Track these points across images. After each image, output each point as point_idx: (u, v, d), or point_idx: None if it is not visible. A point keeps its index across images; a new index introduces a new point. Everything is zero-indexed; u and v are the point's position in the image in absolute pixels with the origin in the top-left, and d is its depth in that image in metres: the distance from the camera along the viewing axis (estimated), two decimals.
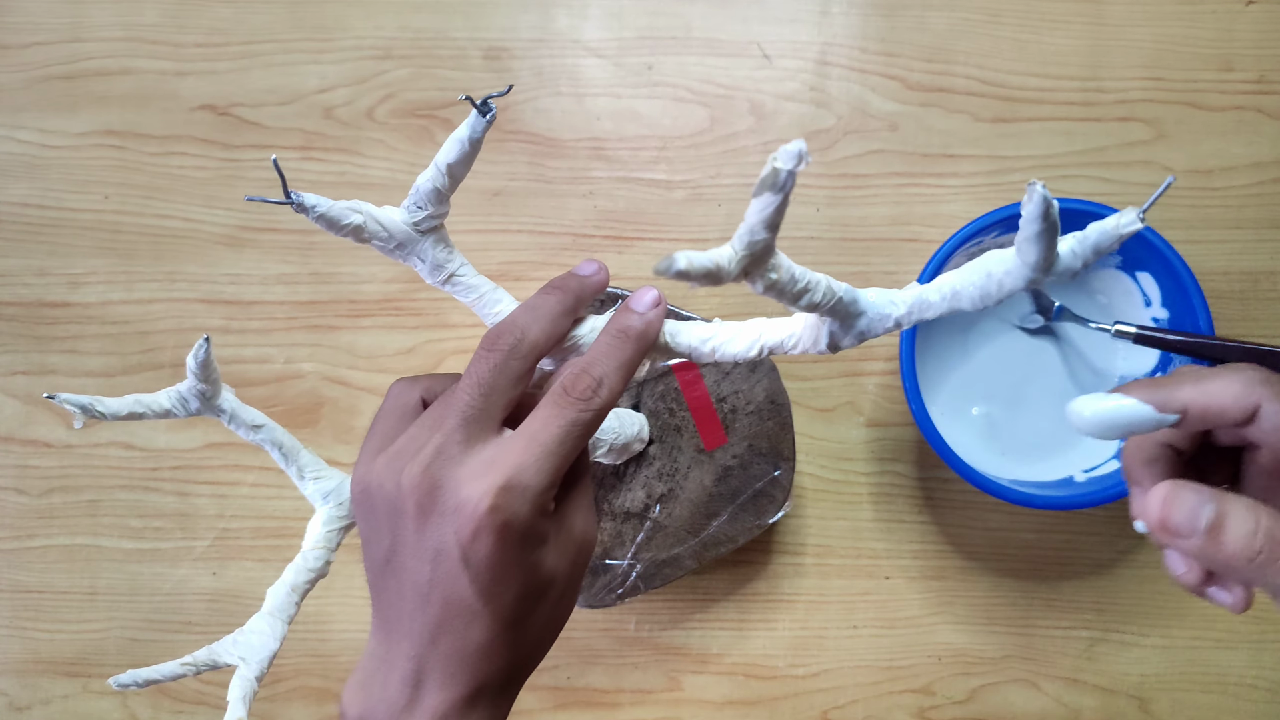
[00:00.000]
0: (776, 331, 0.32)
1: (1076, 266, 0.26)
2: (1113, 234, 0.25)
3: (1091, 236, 0.25)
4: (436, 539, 0.30)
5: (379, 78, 0.60)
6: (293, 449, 0.38)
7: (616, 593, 0.55)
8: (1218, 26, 0.58)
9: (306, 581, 0.37)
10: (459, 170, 0.33)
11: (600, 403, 0.31)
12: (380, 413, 0.34)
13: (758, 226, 0.25)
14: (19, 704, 0.61)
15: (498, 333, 0.32)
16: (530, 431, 0.30)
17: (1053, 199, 0.24)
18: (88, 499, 0.61)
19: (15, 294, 0.61)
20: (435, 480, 0.30)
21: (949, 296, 0.28)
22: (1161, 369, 0.55)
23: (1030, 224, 0.24)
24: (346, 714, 0.31)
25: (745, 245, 0.26)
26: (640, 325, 0.32)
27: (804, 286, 0.28)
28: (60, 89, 0.61)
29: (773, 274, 0.27)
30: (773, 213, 0.25)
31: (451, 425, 0.30)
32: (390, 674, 0.31)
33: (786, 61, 0.59)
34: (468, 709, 0.31)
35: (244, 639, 0.36)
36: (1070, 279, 0.26)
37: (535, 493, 0.29)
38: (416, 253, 0.34)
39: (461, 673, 0.30)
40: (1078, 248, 0.26)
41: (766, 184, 0.24)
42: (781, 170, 0.24)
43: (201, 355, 0.34)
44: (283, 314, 0.60)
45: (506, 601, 0.30)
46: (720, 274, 0.26)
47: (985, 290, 0.27)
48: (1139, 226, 0.25)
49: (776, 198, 0.25)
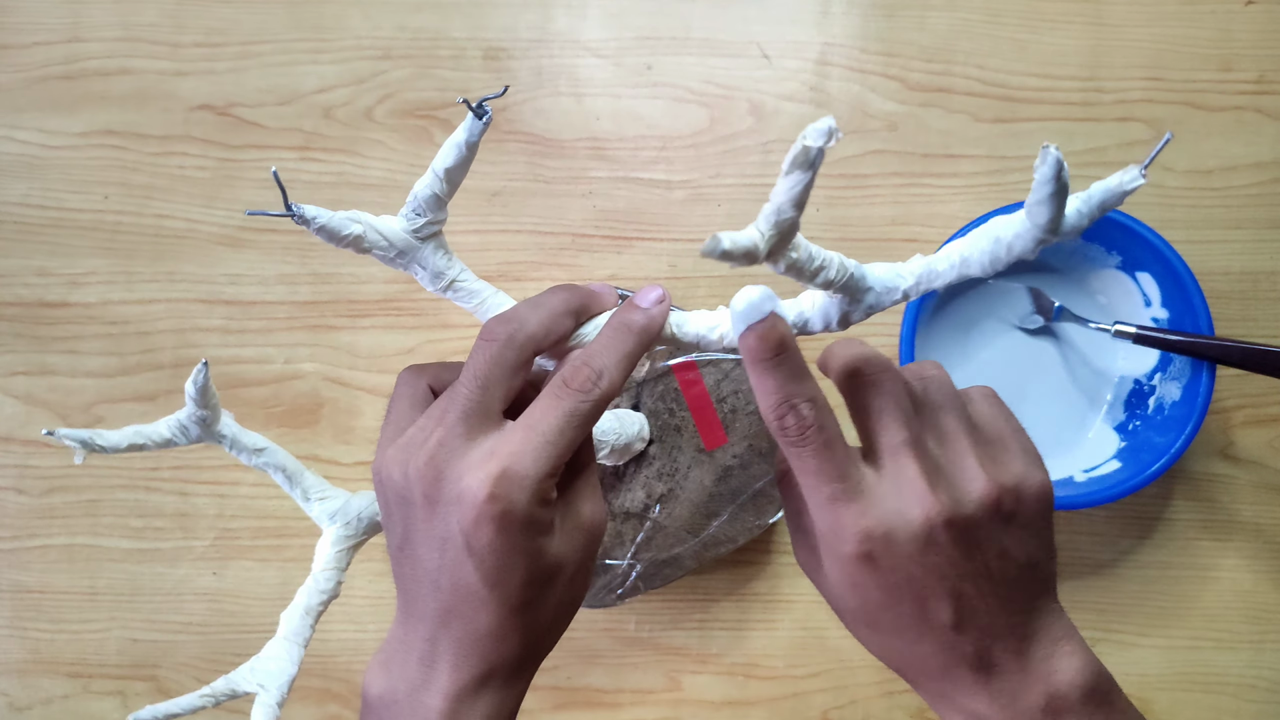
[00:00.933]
0: (787, 311, 0.32)
1: (1083, 224, 0.27)
2: (1116, 191, 0.26)
3: (1096, 195, 0.26)
4: (442, 528, 0.31)
5: (378, 78, 0.60)
6: (296, 472, 0.37)
7: (616, 593, 0.55)
8: (1217, 27, 0.58)
9: (320, 603, 0.37)
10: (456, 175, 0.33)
11: (600, 394, 0.31)
12: (391, 401, 0.35)
13: (786, 205, 0.26)
14: (19, 704, 0.61)
15: (495, 323, 0.32)
16: (529, 422, 0.31)
17: (1064, 161, 0.24)
18: (88, 499, 0.61)
19: (15, 294, 0.61)
20: (438, 471, 0.31)
21: (958, 264, 0.29)
22: (1161, 369, 0.55)
23: (1043, 186, 0.25)
24: (369, 692, 0.32)
25: (773, 225, 0.26)
26: (643, 320, 0.33)
27: (820, 264, 0.28)
28: (60, 89, 0.61)
29: (794, 253, 0.28)
30: (801, 190, 0.25)
31: (452, 418, 0.31)
32: (409, 655, 0.32)
33: (786, 61, 0.59)
34: (479, 688, 0.32)
35: (261, 665, 0.36)
36: (1075, 237, 0.26)
37: (534, 481, 0.30)
38: (417, 260, 0.34)
39: (473, 655, 0.31)
40: (1083, 207, 0.26)
41: (798, 162, 0.25)
42: (813, 148, 0.24)
43: (200, 380, 0.34)
44: (283, 314, 0.60)
45: (513, 588, 0.31)
46: (757, 254, 0.26)
47: (995, 255, 0.28)
48: (1142, 182, 0.25)
49: (806, 175, 0.25)
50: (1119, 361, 0.57)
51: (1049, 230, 0.26)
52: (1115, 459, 0.55)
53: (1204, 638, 0.58)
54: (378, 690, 0.32)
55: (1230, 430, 0.58)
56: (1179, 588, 0.58)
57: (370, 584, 0.60)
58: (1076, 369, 0.58)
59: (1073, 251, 0.56)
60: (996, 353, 0.58)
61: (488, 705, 0.32)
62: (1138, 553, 0.58)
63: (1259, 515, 0.58)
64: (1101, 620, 0.58)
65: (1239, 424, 0.58)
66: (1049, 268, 0.57)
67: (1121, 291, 0.56)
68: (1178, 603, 0.58)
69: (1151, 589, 0.58)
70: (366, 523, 0.38)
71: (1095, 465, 0.55)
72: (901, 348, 0.52)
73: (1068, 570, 0.58)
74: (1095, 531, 0.58)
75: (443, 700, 0.31)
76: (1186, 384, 0.53)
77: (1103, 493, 0.52)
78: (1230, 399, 0.58)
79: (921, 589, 0.30)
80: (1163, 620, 0.58)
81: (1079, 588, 0.58)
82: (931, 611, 0.30)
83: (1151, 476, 0.52)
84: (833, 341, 0.32)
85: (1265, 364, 0.51)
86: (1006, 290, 0.57)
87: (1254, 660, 0.58)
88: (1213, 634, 0.58)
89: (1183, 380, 0.53)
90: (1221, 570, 0.58)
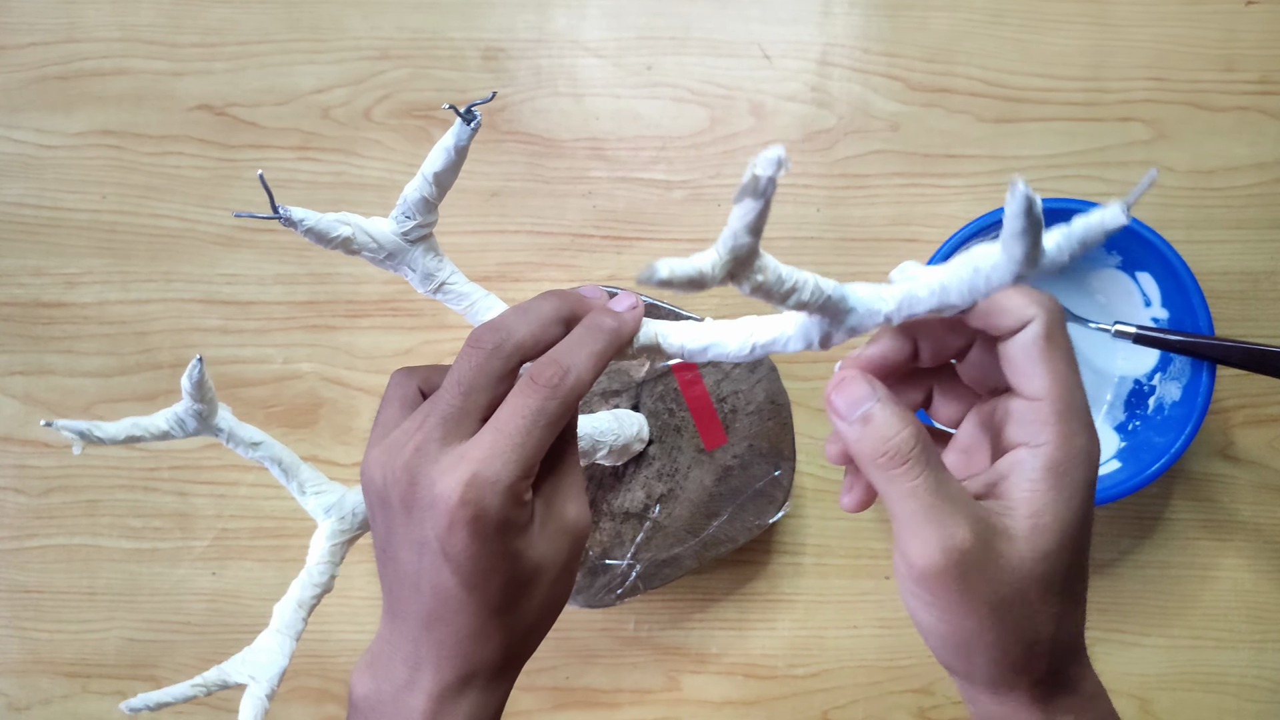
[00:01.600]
0: (768, 330, 0.32)
1: (1063, 260, 0.26)
2: (1098, 229, 0.25)
3: (1077, 232, 0.25)
4: (419, 532, 0.31)
5: (376, 78, 0.60)
6: (292, 465, 0.37)
7: (616, 593, 0.55)
8: (1220, 27, 0.58)
9: (313, 597, 0.37)
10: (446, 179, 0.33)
11: (566, 390, 0.31)
12: (382, 403, 0.35)
13: (740, 231, 0.25)
14: (18, 704, 0.61)
15: (483, 330, 0.32)
16: (497, 424, 0.30)
17: (1035, 196, 0.23)
18: (87, 499, 0.61)
19: (11, 294, 0.61)
20: (413, 476, 0.31)
21: (938, 292, 0.28)
22: (1161, 369, 0.55)
23: (1014, 221, 0.24)
24: (354, 692, 0.33)
25: (729, 250, 0.26)
26: (614, 323, 0.33)
27: (791, 287, 0.28)
28: (56, 89, 0.60)
29: (759, 276, 0.27)
30: (755, 218, 0.25)
31: (431, 423, 0.31)
32: (394, 656, 0.32)
33: (787, 62, 0.59)
34: (463, 689, 0.32)
35: (253, 657, 0.36)
36: (1058, 273, 0.26)
37: (505, 484, 0.30)
38: (407, 262, 0.34)
39: (455, 656, 0.31)
40: (1063, 242, 0.25)
41: (747, 190, 0.24)
42: (761, 177, 0.24)
43: (196, 375, 0.34)
44: (281, 314, 0.60)
45: (492, 590, 0.31)
46: (704, 279, 0.26)
47: (973, 286, 0.27)
48: (1124, 221, 0.24)
49: (758, 204, 0.24)
50: (1119, 362, 0.57)
51: (1025, 265, 0.25)
52: (1115, 459, 0.55)
53: (1204, 637, 0.58)
54: (363, 691, 0.33)
55: (1230, 430, 0.58)
56: (1179, 587, 0.58)
57: (369, 584, 0.60)
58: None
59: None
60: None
61: (471, 705, 0.32)
62: (1138, 553, 0.58)
63: (1259, 515, 0.58)
64: (1102, 620, 0.58)
65: (1239, 424, 0.58)
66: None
67: (1121, 291, 0.56)
68: (1178, 602, 0.58)
69: (1152, 589, 0.58)
70: (361, 518, 0.38)
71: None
72: None
73: None
74: (1095, 531, 0.58)
75: (426, 701, 0.31)
76: (1186, 384, 0.53)
77: (1103, 493, 0.52)
78: (1230, 399, 0.58)
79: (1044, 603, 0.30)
80: (1163, 620, 0.58)
81: None
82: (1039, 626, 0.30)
83: (1152, 476, 0.52)
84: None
85: (1265, 364, 0.51)
86: None
87: (1255, 660, 0.58)
88: (1213, 634, 0.58)
89: (1183, 380, 0.53)
90: (1222, 570, 0.58)
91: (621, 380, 0.54)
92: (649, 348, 0.34)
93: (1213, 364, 0.52)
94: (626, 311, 0.33)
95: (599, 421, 0.50)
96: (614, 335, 0.32)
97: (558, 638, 0.59)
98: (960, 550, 0.28)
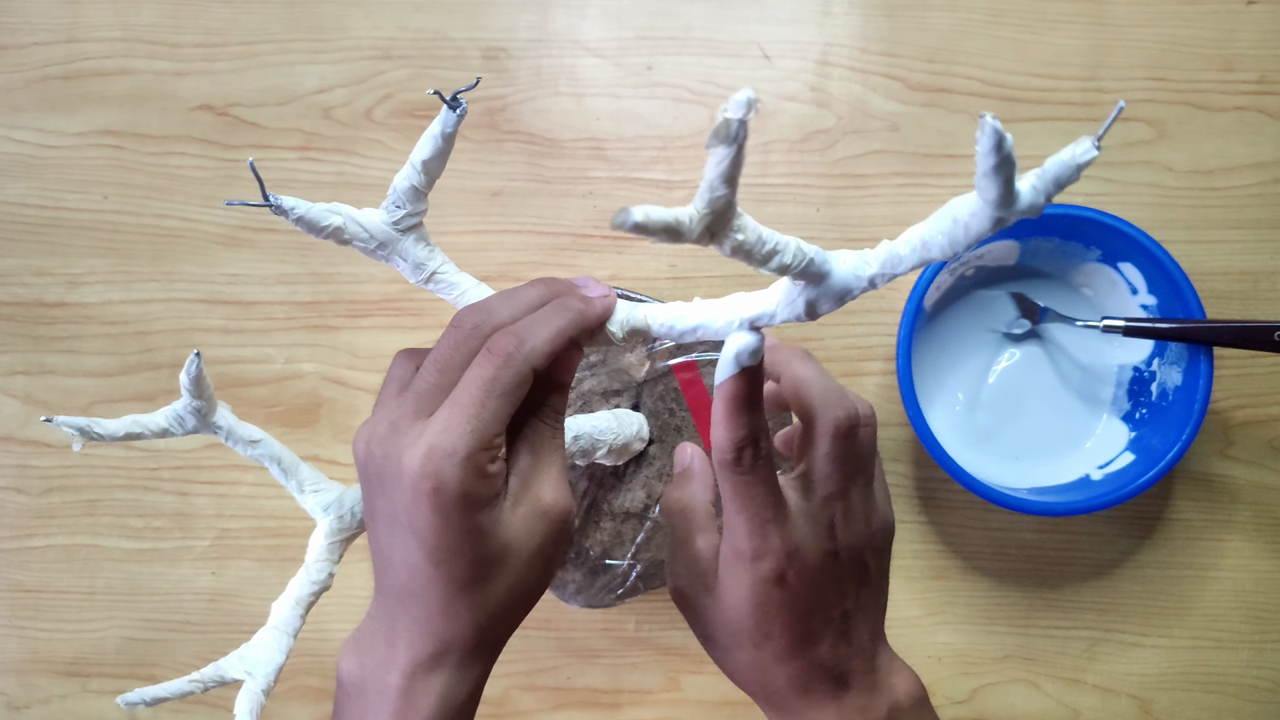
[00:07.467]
0: (755, 304, 0.31)
1: (1040, 202, 0.26)
2: (1070, 165, 0.25)
3: (1050, 170, 0.25)
4: (388, 506, 0.31)
5: (377, 78, 0.60)
6: (291, 463, 0.38)
7: (616, 593, 0.55)
8: (1219, 27, 0.58)
9: (310, 594, 0.37)
10: (434, 166, 0.33)
11: (520, 359, 0.31)
12: (383, 383, 0.35)
13: (716, 182, 0.25)
14: (17, 704, 0.61)
15: (465, 312, 0.32)
16: (454, 396, 0.31)
17: (1005, 132, 0.23)
18: (87, 499, 0.61)
19: (13, 294, 0.61)
20: (385, 451, 0.31)
21: (919, 248, 0.28)
22: (1159, 354, 0.55)
23: (985, 158, 0.24)
24: (340, 668, 0.33)
25: (706, 203, 0.25)
26: (580, 304, 0.33)
27: (773, 248, 0.27)
28: (58, 89, 0.61)
29: (739, 235, 0.27)
30: (728, 166, 0.25)
31: (406, 400, 0.32)
32: (376, 632, 0.33)
33: (787, 62, 0.59)
34: (434, 666, 0.32)
35: (250, 653, 0.36)
36: (1036, 215, 0.26)
37: (462, 455, 0.30)
38: (398, 252, 0.34)
39: (426, 634, 0.32)
40: (1038, 183, 0.25)
41: (719, 136, 0.24)
42: (733, 120, 0.24)
43: (193, 371, 0.34)
44: (282, 314, 0.60)
45: (459, 565, 0.31)
46: (681, 230, 0.25)
47: (953, 236, 0.27)
48: (1095, 155, 0.24)
49: (730, 150, 0.24)
50: (1115, 351, 0.57)
51: (1001, 205, 0.25)
52: (1128, 450, 0.55)
53: (1204, 638, 0.58)
54: (347, 667, 0.33)
55: (1230, 430, 0.58)
56: (1179, 588, 0.58)
57: (368, 582, 0.60)
58: (1073, 367, 0.58)
59: (1053, 251, 0.56)
60: (988, 361, 0.58)
61: (441, 684, 0.32)
62: (1138, 553, 0.58)
63: (1259, 515, 0.58)
64: (1101, 620, 0.58)
65: (1239, 424, 0.58)
66: (1035, 272, 0.57)
67: (1107, 283, 0.56)
68: (1178, 603, 0.58)
69: (1151, 589, 0.58)
70: (360, 516, 0.38)
71: (1109, 460, 0.55)
72: (899, 349, 0.52)
73: (1068, 570, 0.58)
74: (1095, 531, 0.58)
75: (400, 677, 0.32)
76: (1186, 367, 0.53)
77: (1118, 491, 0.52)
78: (1230, 398, 0.58)
79: (813, 608, 0.33)
80: (1163, 620, 0.58)
81: (1079, 588, 0.58)
82: (814, 631, 0.33)
83: (1168, 465, 0.52)
84: (792, 356, 0.34)
85: (1256, 339, 0.51)
86: (991, 299, 0.57)
87: (1255, 660, 0.58)
88: (1213, 634, 0.58)
89: (1182, 364, 0.53)
90: (1221, 570, 0.58)
91: (621, 380, 0.55)
92: (638, 330, 0.34)
93: (1208, 347, 0.52)
94: (595, 294, 0.34)
95: (599, 421, 0.50)
96: (578, 315, 0.33)
97: (558, 637, 0.59)
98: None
